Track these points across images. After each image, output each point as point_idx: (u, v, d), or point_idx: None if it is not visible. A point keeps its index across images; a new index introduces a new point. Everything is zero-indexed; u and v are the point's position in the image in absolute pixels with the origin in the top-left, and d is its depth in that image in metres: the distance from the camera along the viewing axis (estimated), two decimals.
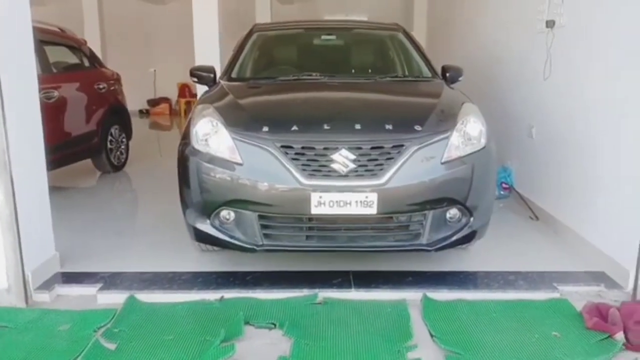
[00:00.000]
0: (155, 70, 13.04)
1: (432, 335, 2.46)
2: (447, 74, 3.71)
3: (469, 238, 2.91)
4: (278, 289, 2.84)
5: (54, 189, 5.13)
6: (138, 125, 11.79)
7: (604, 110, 3.16)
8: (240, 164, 2.69)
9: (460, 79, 3.75)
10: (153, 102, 13.23)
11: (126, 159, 6.20)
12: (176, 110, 13.10)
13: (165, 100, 13.26)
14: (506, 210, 4.40)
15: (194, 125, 2.87)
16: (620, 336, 2.38)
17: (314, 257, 3.12)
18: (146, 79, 12.97)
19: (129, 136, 6.25)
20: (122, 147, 6.11)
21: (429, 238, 2.78)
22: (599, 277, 3.00)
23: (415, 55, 3.97)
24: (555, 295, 2.83)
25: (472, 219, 2.86)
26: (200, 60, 6.10)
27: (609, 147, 3.11)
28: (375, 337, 2.44)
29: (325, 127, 2.72)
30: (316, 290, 2.82)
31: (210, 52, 6.21)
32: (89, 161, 5.74)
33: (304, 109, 3.07)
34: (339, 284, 2.89)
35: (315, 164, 2.64)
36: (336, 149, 2.64)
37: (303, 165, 2.64)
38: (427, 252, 2.84)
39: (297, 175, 2.62)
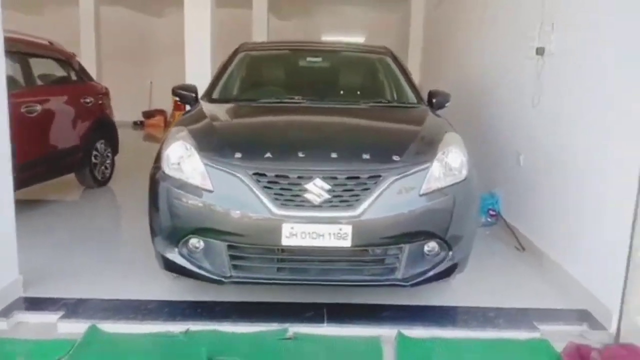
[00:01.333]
0: (151, 82, 13.01)
1: None
2: (434, 100, 3.63)
3: (447, 273, 2.80)
4: (247, 322, 2.72)
5: (35, 202, 5.10)
6: (132, 137, 11.81)
7: (593, 139, 3.07)
8: (211, 191, 2.59)
9: (447, 104, 3.67)
10: (148, 114, 13.15)
11: (111, 173, 6.09)
12: (171, 123, 13.02)
13: (161, 112, 13.18)
14: (492, 238, 4.30)
15: (165, 148, 2.77)
16: None
17: (287, 288, 3.00)
18: (142, 91, 12.93)
19: (115, 151, 6.14)
20: (108, 161, 6.00)
21: (404, 273, 2.67)
22: (582, 316, 2.88)
23: (401, 80, 3.90)
24: (536, 335, 2.71)
25: (451, 252, 2.76)
26: (190, 77, 6.04)
27: (596, 179, 3.01)
28: None
29: (300, 154, 2.62)
30: (286, 325, 2.69)
31: (201, 69, 6.15)
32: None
33: (280, 135, 2.97)
34: (311, 317, 2.77)
35: (288, 194, 2.54)
36: (310, 178, 2.55)
37: (276, 194, 2.54)
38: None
39: (269, 204, 2.52)
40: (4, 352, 2.47)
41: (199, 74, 5.90)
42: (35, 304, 2.88)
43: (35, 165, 4.55)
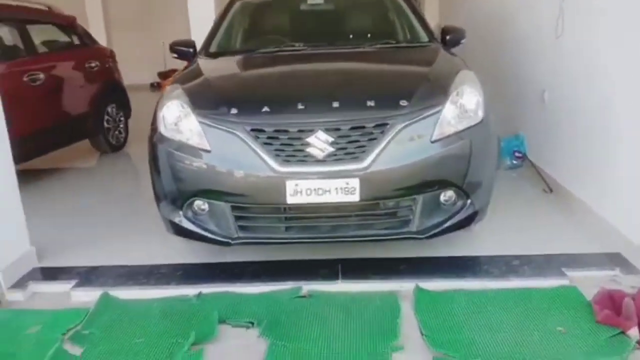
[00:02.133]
0: (164, 43, 12.78)
1: (422, 333, 2.24)
2: (447, 37, 3.36)
3: (466, 222, 2.65)
4: (260, 282, 2.65)
5: (51, 170, 5.10)
6: (149, 98, 11.67)
7: (623, 70, 2.80)
8: (209, 151, 2.46)
9: (462, 41, 3.40)
10: (163, 75, 13.01)
11: (126, 138, 6.04)
12: None
13: (176, 72, 13.03)
14: (518, 181, 4.11)
15: (160, 109, 2.65)
16: (634, 332, 2.12)
17: (299, 246, 2.90)
18: (156, 52, 12.74)
19: (127, 114, 6.05)
20: (121, 126, 5.94)
21: (419, 224, 2.53)
22: (614, 260, 2.71)
23: (411, 17, 3.61)
24: (564, 282, 2.56)
25: (469, 200, 2.59)
26: (195, 33, 5.83)
27: (630, 114, 2.75)
28: (359, 336, 2.24)
29: (300, 106, 2.45)
30: (300, 283, 2.62)
31: (205, 24, 5.90)
32: None
33: (277, 86, 2.79)
34: (326, 275, 2.68)
35: (289, 149, 2.39)
36: (312, 131, 2.39)
37: (276, 150, 2.40)
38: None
39: (270, 161, 2.38)
40: (20, 323, 2.47)
41: (204, 30, 5.68)
42: (49, 273, 2.87)
43: (44, 134, 4.50)
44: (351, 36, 3.70)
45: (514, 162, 4.38)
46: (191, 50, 3.39)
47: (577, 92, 3.34)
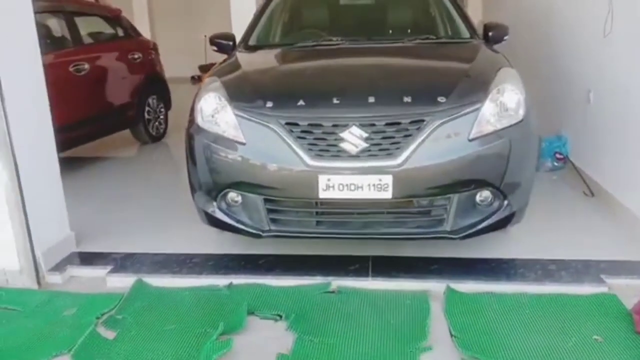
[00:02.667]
0: (205, 36, 12.97)
1: (451, 335, 2.20)
2: (490, 34, 3.27)
3: (502, 224, 2.58)
4: (290, 276, 2.66)
5: (93, 159, 5.27)
6: (189, 91, 11.84)
7: None
8: (243, 143, 2.48)
9: (505, 38, 3.31)
10: (204, 68, 13.21)
11: (165, 129, 6.16)
12: None
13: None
14: (559, 183, 3.98)
15: (198, 101, 2.68)
16: None
17: (330, 241, 2.90)
18: (197, 45, 12.94)
19: (167, 106, 6.18)
20: (161, 117, 6.06)
21: (453, 224, 2.48)
22: None
23: (453, 12, 3.53)
24: (602, 289, 2.46)
25: (506, 202, 2.52)
26: (237, 27, 5.88)
27: None
28: (388, 334, 2.22)
29: (335, 101, 2.44)
30: (330, 278, 2.61)
31: (246, 17, 5.94)
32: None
33: (313, 80, 2.78)
34: (356, 271, 2.67)
35: (323, 143, 2.39)
36: (346, 126, 2.37)
37: (310, 144, 2.39)
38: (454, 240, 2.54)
39: (303, 155, 2.38)
40: (58, 304, 2.56)
41: (245, 24, 5.73)
42: (86, 258, 2.96)
43: (87, 123, 4.65)
44: (391, 31, 3.65)
45: (555, 163, 4.24)
46: (230, 43, 3.41)
47: (624, 94, 3.20)
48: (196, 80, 13.16)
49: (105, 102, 4.98)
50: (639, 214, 2.96)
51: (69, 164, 4.75)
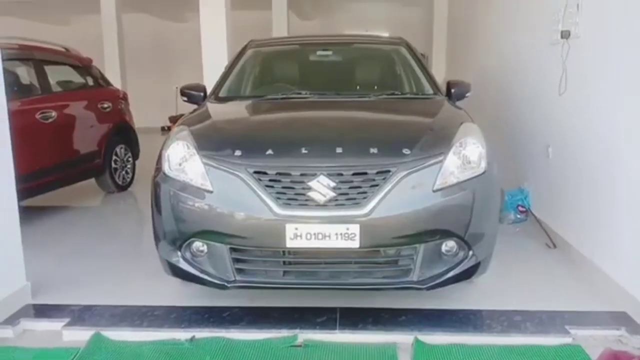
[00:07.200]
0: (177, 88, 13.09)
1: None
2: (452, 90, 3.42)
3: (468, 274, 2.60)
4: (255, 329, 2.59)
5: (56, 208, 5.12)
6: (159, 141, 11.77)
7: (624, 129, 2.82)
8: (211, 192, 2.47)
9: (467, 94, 3.46)
10: (174, 119, 13.26)
11: (132, 178, 6.08)
12: None
13: None
14: (522, 235, 4.06)
15: (165, 149, 2.68)
16: None
17: (297, 292, 2.86)
18: (168, 97, 13.03)
19: (135, 155, 6.13)
20: (128, 166, 6.00)
21: (420, 275, 2.49)
22: (619, 319, 2.64)
23: (417, 70, 3.69)
24: (567, 340, 2.48)
25: (471, 252, 2.56)
26: (208, 79, 5.98)
27: (631, 170, 2.76)
28: None
29: (303, 150, 2.47)
30: (296, 331, 2.55)
31: (218, 70, 6.07)
32: None
33: (282, 130, 2.83)
34: (323, 323, 2.62)
35: (291, 192, 2.40)
36: (314, 176, 2.39)
37: (278, 193, 2.40)
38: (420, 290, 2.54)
39: (271, 204, 2.38)
40: None
41: (216, 76, 5.84)
42: (41, 311, 2.82)
43: (53, 171, 4.56)
44: (358, 87, 3.77)
45: (518, 216, 4.34)
46: (201, 94, 3.45)
47: (581, 148, 3.36)
48: (166, 130, 13.17)
49: (71, 150, 4.91)
50: (600, 265, 3.04)
51: (31, 213, 4.61)
